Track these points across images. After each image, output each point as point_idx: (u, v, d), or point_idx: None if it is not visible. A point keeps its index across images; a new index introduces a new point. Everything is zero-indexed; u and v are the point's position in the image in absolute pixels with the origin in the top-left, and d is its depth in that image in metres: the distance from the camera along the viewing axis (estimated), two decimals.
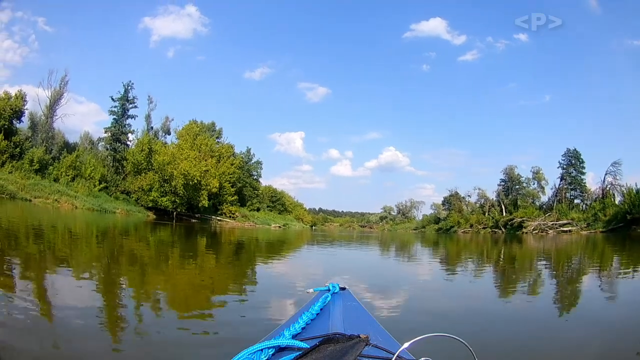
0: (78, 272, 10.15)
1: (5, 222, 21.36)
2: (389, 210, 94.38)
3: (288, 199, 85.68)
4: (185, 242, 24.56)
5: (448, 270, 17.76)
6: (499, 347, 5.77)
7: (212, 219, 62.82)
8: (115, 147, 60.73)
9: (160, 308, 7.45)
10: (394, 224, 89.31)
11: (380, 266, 18.80)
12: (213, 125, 71.30)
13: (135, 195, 57.36)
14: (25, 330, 5.19)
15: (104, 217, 43.68)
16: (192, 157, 57.83)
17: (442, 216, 76.89)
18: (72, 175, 51.40)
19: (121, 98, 60.78)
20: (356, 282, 11.28)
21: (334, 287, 2.93)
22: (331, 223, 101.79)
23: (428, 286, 12.45)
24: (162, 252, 17.92)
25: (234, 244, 27.00)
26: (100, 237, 22.14)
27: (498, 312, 8.75)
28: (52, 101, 54.09)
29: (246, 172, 75.34)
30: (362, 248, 31.77)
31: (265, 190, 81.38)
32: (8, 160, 47.08)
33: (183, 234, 32.44)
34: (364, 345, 1.70)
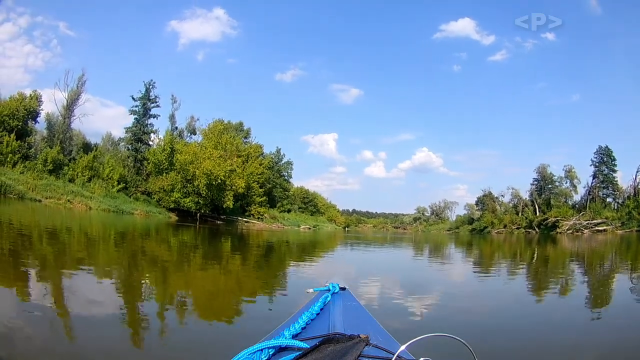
0: (97, 275, 10.22)
1: (17, 224, 20.80)
2: (422, 211, 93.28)
3: (321, 200, 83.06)
4: (207, 245, 23.83)
5: (480, 273, 17.75)
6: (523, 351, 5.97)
7: (238, 220, 59.51)
8: (137, 147, 58.14)
9: (183, 312, 7.44)
10: (427, 225, 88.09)
11: (412, 268, 18.58)
12: (241, 125, 68.82)
13: (157, 196, 54.40)
14: (46, 334, 5.37)
15: (119, 218, 41.23)
16: (216, 156, 54.54)
17: (475, 217, 75.58)
18: (88, 176, 48.83)
19: (142, 97, 58.20)
20: (389, 284, 11.63)
21: (334, 287, 2.91)
22: (365, 224, 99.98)
23: (459, 289, 12.30)
24: (183, 255, 17.47)
25: (258, 246, 26.08)
26: (116, 239, 21.35)
27: (525, 316, 8.53)
28: (69, 101, 51.76)
29: (276, 172, 72.64)
30: (395, 250, 31.09)
31: (297, 192, 78.82)
32: (20, 160, 44.95)
33: (205, 236, 31.18)
34: (364, 345, 1.71)
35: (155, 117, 59.52)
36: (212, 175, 52.31)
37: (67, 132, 52.30)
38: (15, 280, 8.32)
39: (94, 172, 49.74)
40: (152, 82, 58.74)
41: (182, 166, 53.05)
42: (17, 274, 9.09)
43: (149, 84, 58.60)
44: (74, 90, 51.88)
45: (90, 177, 49.25)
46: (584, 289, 12.98)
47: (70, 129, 53.03)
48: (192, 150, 54.40)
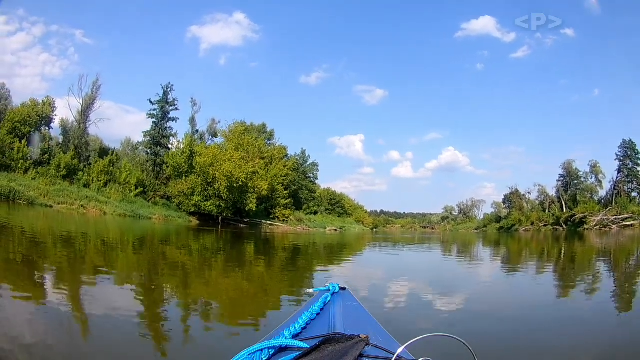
0: (116, 282, 10.03)
1: (29, 230, 20.47)
2: (450, 210, 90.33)
3: (348, 202, 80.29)
4: (229, 249, 23.30)
5: (508, 271, 17.63)
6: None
7: (261, 223, 57.13)
8: (156, 151, 56.27)
9: (206, 318, 7.33)
10: (455, 224, 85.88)
11: (440, 269, 18.26)
12: (264, 127, 66.57)
13: (177, 200, 52.15)
14: (66, 342, 5.39)
15: (135, 223, 39.13)
16: (237, 158, 52.01)
17: (502, 215, 73.83)
18: (104, 181, 47.08)
19: (160, 101, 56.26)
20: (419, 285, 11.88)
21: (334, 287, 2.92)
22: (393, 225, 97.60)
23: (486, 289, 12.36)
24: (205, 260, 17.00)
25: (283, 249, 25.67)
26: (133, 245, 20.90)
27: (550, 316, 8.42)
28: (84, 106, 49.54)
29: (301, 174, 70.40)
30: (424, 250, 30.59)
31: (324, 193, 76.33)
32: (32, 166, 43.45)
33: (227, 240, 30.36)
34: (364, 345, 1.71)
35: (174, 120, 57.80)
36: (232, 177, 49.90)
37: (83, 138, 50.21)
38: (33, 289, 8.14)
39: (110, 177, 47.92)
40: (170, 85, 56.96)
41: (202, 169, 50.79)
42: (34, 282, 8.92)
43: (166, 87, 56.70)
44: (89, 95, 49.83)
45: (107, 182, 47.45)
46: (611, 287, 12.82)
47: (86, 135, 51.03)
48: (211, 153, 52.06)
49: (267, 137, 66.19)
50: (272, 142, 66.08)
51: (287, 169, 61.54)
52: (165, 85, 56.67)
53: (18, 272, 9.96)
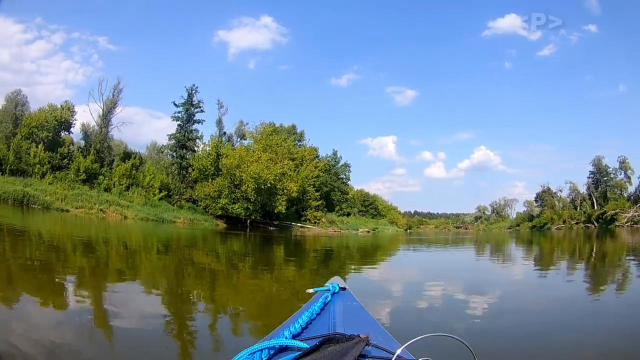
0: (143, 286, 9.97)
1: (47, 235, 19.94)
2: (483, 209, 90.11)
3: (381, 203, 77.67)
4: (258, 253, 22.41)
5: (538, 272, 17.25)
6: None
7: (291, 226, 54.10)
8: (182, 154, 53.60)
9: (234, 324, 7.16)
10: (488, 224, 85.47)
11: (473, 269, 17.91)
12: (294, 128, 63.63)
13: (203, 204, 49.32)
14: (91, 348, 5.31)
15: (158, 227, 36.67)
16: (265, 159, 48.97)
17: (534, 213, 73.45)
18: (126, 184, 44.77)
19: (185, 103, 53.54)
20: (453, 286, 11.64)
21: (334, 287, 2.88)
22: (426, 225, 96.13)
23: (516, 290, 12.01)
24: (232, 264, 16.25)
25: (315, 251, 25.09)
26: (152, 249, 20.09)
27: (574, 317, 8.28)
28: (105, 110, 47.50)
29: (333, 175, 67.43)
30: (457, 251, 30.02)
31: (357, 195, 73.54)
32: (49, 171, 41.50)
33: (256, 243, 29.19)
34: (364, 345, 1.68)
35: (200, 122, 55.07)
36: (260, 178, 46.93)
37: (105, 142, 48.12)
38: (56, 295, 8.01)
39: (132, 181, 45.60)
40: (195, 87, 54.20)
41: (229, 170, 48.05)
42: (57, 289, 8.72)
43: (191, 89, 53.97)
44: (110, 99, 47.64)
45: (129, 185, 45.14)
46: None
47: (108, 139, 48.98)
48: (238, 154, 49.26)
49: (297, 139, 63.33)
50: (303, 144, 63.54)
51: (318, 170, 58.73)
52: (190, 87, 54.09)
53: (39, 278, 9.64)
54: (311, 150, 61.13)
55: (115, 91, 48.02)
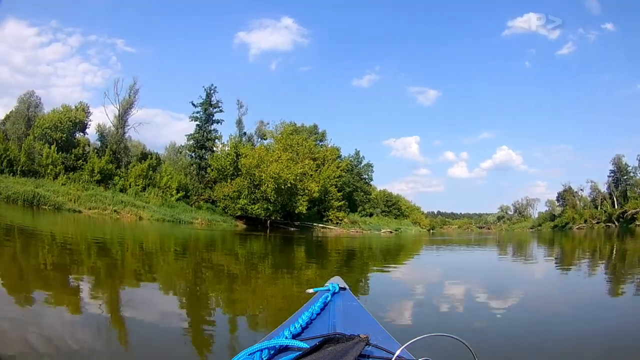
0: (160, 288, 9.78)
1: (60, 236, 19.13)
2: (505, 209, 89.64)
3: (404, 203, 76.08)
4: (278, 254, 21.48)
5: (557, 272, 16.67)
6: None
7: (313, 226, 51.98)
8: (200, 154, 51.86)
9: (253, 327, 6.83)
10: (510, 224, 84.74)
11: (494, 270, 17.34)
12: (315, 128, 61.66)
13: (222, 204, 47.42)
14: (111, 348, 5.19)
15: (175, 228, 34.96)
16: (285, 158, 47.00)
17: (556, 213, 72.86)
18: (142, 185, 43.03)
19: (203, 103, 51.90)
20: (471, 287, 11.37)
21: (334, 287, 2.86)
22: (449, 225, 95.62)
23: (535, 291, 11.35)
24: (251, 265, 15.44)
25: (337, 252, 24.12)
26: (168, 250, 19.44)
27: (591, 318, 7.91)
28: (121, 111, 45.95)
29: (356, 175, 65.43)
30: (479, 251, 29.50)
31: (380, 195, 71.62)
32: (62, 172, 39.87)
33: (276, 244, 28.12)
34: (364, 345, 1.67)
35: (219, 122, 53.41)
36: (280, 178, 44.90)
37: (121, 143, 46.57)
38: (73, 297, 7.64)
39: (149, 181, 43.87)
40: (213, 86, 52.58)
41: (248, 170, 46.00)
42: (73, 291, 8.31)
43: (209, 89, 52.35)
44: (126, 99, 46.13)
45: (145, 186, 43.41)
46: None
47: (124, 139, 47.43)
48: (257, 154, 47.33)
49: (319, 139, 61.34)
50: (324, 144, 61.47)
51: (340, 170, 56.56)
52: (208, 87, 52.45)
53: (54, 280, 9.19)
54: (333, 150, 59.00)
55: (132, 92, 46.55)
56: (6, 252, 12.45)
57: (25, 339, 5.11)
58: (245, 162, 46.35)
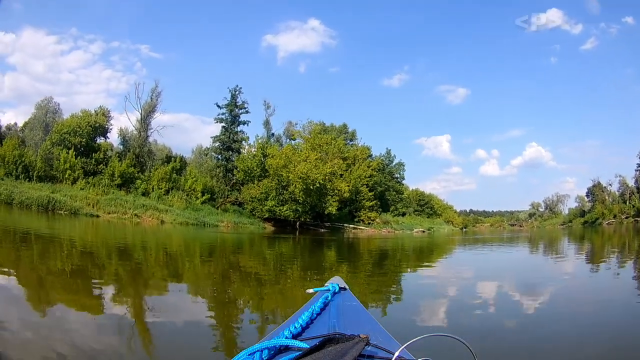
0: (187, 292, 9.51)
1: (79, 242, 18.04)
2: (536, 206, 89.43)
3: (437, 202, 72.81)
4: (307, 256, 20.33)
5: (591, 269, 16.17)
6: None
7: (344, 227, 48.72)
8: (227, 156, 49.15)
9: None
10: (542, 220, 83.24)
11: (525, 268, 16.73)
12: (345, 128, 58.73)
13: (250, 206, 44.66)
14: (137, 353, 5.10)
15: (199, 231, 32.40)
16: (313, 158, 44.11)
17: (586, 208, 72.11)
18: (165, 188, 40.62)
19: (229, 104, 49.23)
20: (503, 286, 11.29)
21: (334, 287, 2.81)
22: (482, 224, 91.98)
23: (565, 289, 11.01)
24: (280, 268, 14.55)
25: (369, 253, 22.96)
26: (189, 253, 18.45)
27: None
28: (143, 114, 43.60)
29: (387, 175, 62.03)
30: (511, 249, 28.57)
31: (412, 194, 68.49)
32: (81, 176, 37.76)
33: (305, 246, 26.70)
34: (364, 345, 1.64)
35: (246, 123, 50.56)
36: (308, 179, 42.10)
37: (145, 146, 44.32)
38: (97, 303, 7.41)
39: (172, 184, 41.43)
40: (238, 87, 49.87)
41: (275, 171, 43.24)
42: (98, 296, 8.01)
43: (234, 90, 49.64)
44: (148, 102, 43.89)
45: (168, 189, 40.99)
46: None
47: (148, 143, 45.19)
48: (284, 154, 44.60)
49: (349, 138, 58.43)
50: (354, 143, 58.55)
51: (371, 170, 53.32)
52: (233, 88, 49.75)
53: (77, 286, 8.75)
54: (363, 149, 55.81)
55: (153, 94, 44.19)
56: (24, 258, 11.74)
57: (50, 346, 4.91)
58: (272, 162, 43.60)
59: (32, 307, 6.87)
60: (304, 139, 51.41)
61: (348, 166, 50.28)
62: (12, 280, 8.81)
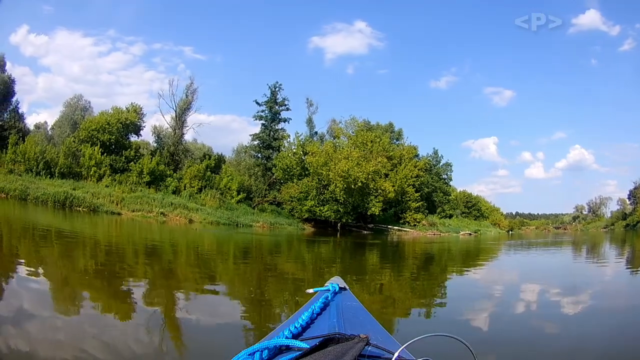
0: (220, 297, 8.47)
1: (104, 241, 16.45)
2: (580, 209, 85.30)
3: (484, 204, 69.40)
4: (348, 259, 18.50)
5: (631, 274, 15.62)
6: None
7: (388, 229, 43.97)
8: (267, 154, 44.90)
9: None
10: (585, 223, 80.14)
11: (570, 271, 15.89)
12: (391, 126, 53.66)
13: (289, 206, 40.45)
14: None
15: (229, 232, 28.54)
16: (355, 156, 39.46)
17: (627, 211, 68.92)
18: (198, 187, 36.97)
19: (268, 101, 44.99)
20: (546, 289, 10.80)
21: (334, 287, 2.67)
22: (527, 227, 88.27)
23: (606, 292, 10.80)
24: (318, 271, 13.32)
25: (414, 257, 21.06)
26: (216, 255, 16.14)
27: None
28: (178, 112, 40.18)
29: (435, 175, 57.21)
30: (556, 253, 27.20)
31: (460, 196, 64.91)
32: (108, 173, 34.49)
33: (346, 248, 24.29)
34: (364, 345, 1.58)
35: (286, 121, 46.10)
36: (349, 177, 37.43)
37: (180, 144, 40.98)
38: (127, 305, 6.85)
39: (205, 183, 37.64)
40: (278, 84, 45.43)
41: (315, 170, 38.81)
42: (126, 298, 7.41)
43: (274, 87, 45.25)
44: (183, 100, 40.30)
45: (201, 187, 37.25)
46: None
47: (183, 141, 41.90)
48: (325, 151, 40.10)
49: (395, 137, 53.37)
50: (401, 143, 53.49)
51: (418, 170, 47.97)
52: (272, 85, 45.34)
53: (102, 286, 8.15)
54: (410, 148, 50.34)
55: (189, 92, 40.53)
56: (45, 257, 10.82)
57: (81, 347, 4.67)
58: (312, 160, 39.13)
59: (63, 306, 6.33)
60: (348, 137, 46.61)
61: (394, 166, 45.59)
62: (40, 280, 8.13)
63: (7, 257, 9.94)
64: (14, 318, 5.49)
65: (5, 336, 4.85)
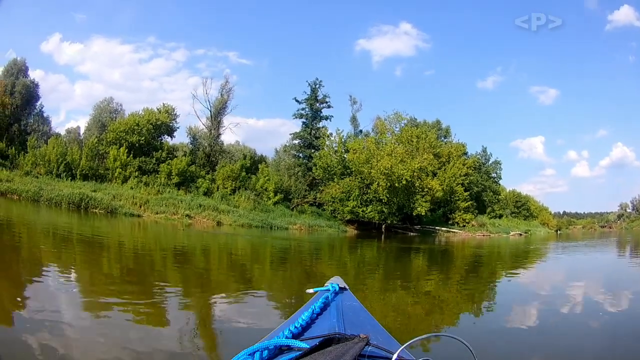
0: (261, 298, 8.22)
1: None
2: (624, 207, 79.71)
3: (533, 204, 64.55)
4: (393, 261, 17.40)
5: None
6: None
7: (436, 230, 39.27)
8: (308, 153, 40.51)
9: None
10: (629, 221, 74.86)
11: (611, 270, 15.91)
12: (438, 124, 48.87)
13: (330, 207, 35.70)
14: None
15: (259, 234, 25.23)
16: (399, 152, 34.57)
17: None
18: (231, 188, 33.15)
19: (308, 99, 40.70)
20: (590, 289, 10.52)
21: (334, 287, 2.56)
22: (574, 226, 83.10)
23: None
24: (359, 275, 12.16)
25: (463, 258, 20.00)
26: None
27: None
28: (214, 112, 36.70)
29: (484, 174, 52.12)
30: (601, 252, 25.63)
31: (509, 195, 60.01)
32: (134, 174, 31.28)
33: (389, 251, 22.13)
34: (364, 345, 1.54)
35: (328, 118, 41.48)
36: (393, 175, 32.60)
37: (215, 145, 37.19)
38: (161, 310, 6.47)
39: (240, 183, 33.74)
40: (319, 81, 40.99)
41: (357, 168, 34.08)
42: (161, 304, 6.92)
43: (314, 84, 40.82)
44: (219, 99, 36.80)
45: (235, 188, 33.39)
46: None
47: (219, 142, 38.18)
48: (366, 147, 35.34)
49: (443, 135, 48.54)
50: (449, 140, 48.71)
51: (467, 168, 43.25)
52: (312, 82, 40.89)
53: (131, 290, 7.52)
54: (458, 146, 45.73)
55: (224, 91, 36.78)
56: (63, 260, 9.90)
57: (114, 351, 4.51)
58: (352, 157, 34.45)
59: (91, 310, 5.91)
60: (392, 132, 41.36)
61: (442, 164, 41.00)
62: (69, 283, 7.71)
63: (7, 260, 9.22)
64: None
65: (42, 339, 4.50)
